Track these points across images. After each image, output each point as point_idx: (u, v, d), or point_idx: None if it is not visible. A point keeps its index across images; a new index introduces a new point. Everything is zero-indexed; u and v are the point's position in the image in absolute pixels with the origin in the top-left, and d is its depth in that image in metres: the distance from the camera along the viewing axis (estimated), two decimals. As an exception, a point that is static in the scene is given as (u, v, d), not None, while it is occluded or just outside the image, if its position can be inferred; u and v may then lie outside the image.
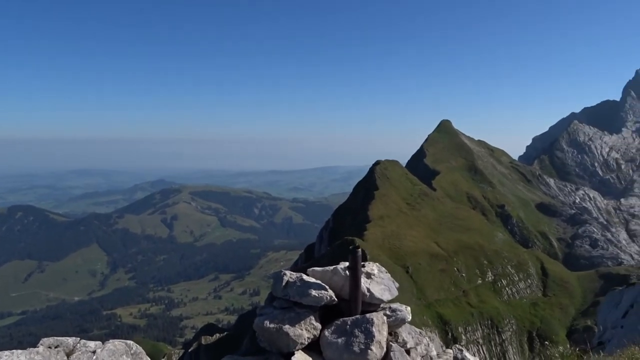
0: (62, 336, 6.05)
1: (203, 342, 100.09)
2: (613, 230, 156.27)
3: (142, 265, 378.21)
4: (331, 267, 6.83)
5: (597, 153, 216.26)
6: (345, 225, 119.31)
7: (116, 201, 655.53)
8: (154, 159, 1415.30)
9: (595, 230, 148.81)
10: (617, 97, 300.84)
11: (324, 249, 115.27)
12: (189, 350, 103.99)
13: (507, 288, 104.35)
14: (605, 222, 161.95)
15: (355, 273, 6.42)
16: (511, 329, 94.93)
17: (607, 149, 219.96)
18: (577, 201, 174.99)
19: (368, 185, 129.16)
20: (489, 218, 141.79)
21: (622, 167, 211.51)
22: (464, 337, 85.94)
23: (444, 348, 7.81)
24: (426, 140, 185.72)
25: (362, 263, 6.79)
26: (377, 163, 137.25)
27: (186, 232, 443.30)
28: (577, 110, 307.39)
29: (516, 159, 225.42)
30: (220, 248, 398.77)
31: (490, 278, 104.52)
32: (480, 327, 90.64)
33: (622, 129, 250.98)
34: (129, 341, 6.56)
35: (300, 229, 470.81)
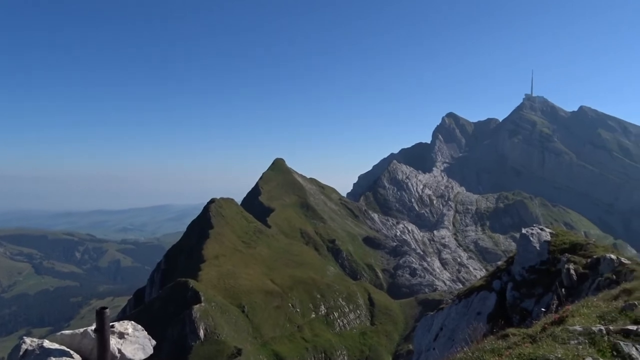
0: None
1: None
2: (428, 259, 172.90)
3: None
4: (81, 330, 6.56)
5: (414, 190, 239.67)
6: (179, 266, 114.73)
7: None
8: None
9: (414, 260, 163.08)
10: (428, 140, 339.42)
11: (156, 292, 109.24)
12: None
13: (338, 320, 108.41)
14: (422, 253, 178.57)
15: (102, 335, 6.12)
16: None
17: (421, 186, 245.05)
18: (398, 234, 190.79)
19: (203, 224, 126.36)
20: (321, 253, 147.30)
21: (434, 202, 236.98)
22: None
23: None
24: (261, 178, 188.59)
25: (113, 323, 6.58)
26: (212, 201, 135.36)
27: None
28: (396, 151, 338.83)
29: (344, 195, 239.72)
30: (34, 298, 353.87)
31: (323, 311, 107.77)
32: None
33: (433, 168, 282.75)
34: None
35: (130, 272, 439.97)
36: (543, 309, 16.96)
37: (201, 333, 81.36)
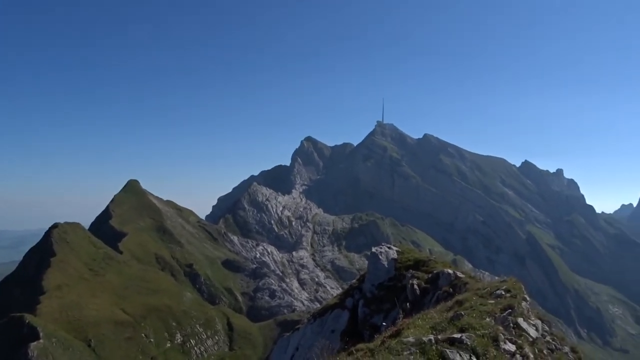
0: None
1: None
2: (287, 280, 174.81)
3: None
4: None
5: (273, 212, 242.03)
6: (13, 299, 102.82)
7: None
8: None
9: (273, 282, 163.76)
10: (288, 162, 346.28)
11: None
12: None
13: (195, 347, 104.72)
14: (281, 274, 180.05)
15: None
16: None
17: (281, 208, 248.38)
18: (257, 256, 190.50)
19: (43, 252, 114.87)
20: (177, 278, 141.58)
21: (293, 223, 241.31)
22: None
23: None
24: (112, 200, 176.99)
25: None
26: (55, 226, 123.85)
27: None
28: (256, 173, 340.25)
29: (203, 218, 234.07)
30: None
31: (179, 340, 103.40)
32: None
33: (292, 190, 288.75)
34: None
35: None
36: (384, 324, 17.96)
37: (38, 373, 73.15)
